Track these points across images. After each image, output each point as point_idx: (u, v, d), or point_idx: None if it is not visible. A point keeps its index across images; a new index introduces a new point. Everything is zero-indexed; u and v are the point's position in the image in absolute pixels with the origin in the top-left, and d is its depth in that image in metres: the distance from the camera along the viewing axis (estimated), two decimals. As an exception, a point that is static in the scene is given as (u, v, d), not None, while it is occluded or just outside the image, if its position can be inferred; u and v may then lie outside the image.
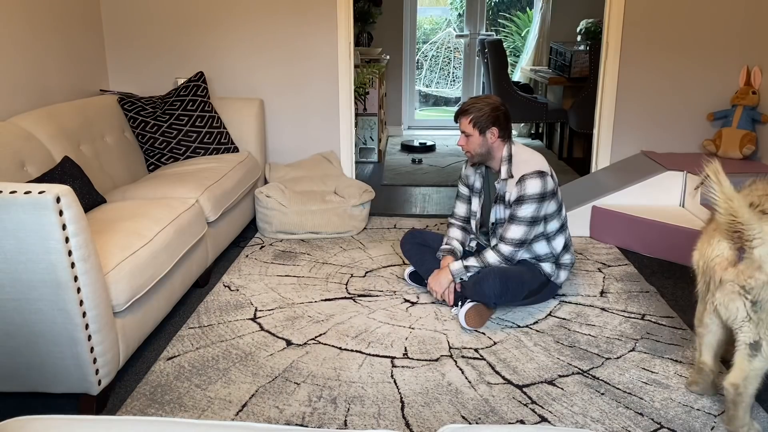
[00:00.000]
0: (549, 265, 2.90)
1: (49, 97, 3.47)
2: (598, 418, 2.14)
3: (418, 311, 2.91)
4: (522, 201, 2.73)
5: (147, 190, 3.13)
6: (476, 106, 2.79)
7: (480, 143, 2.80)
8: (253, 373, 2.39)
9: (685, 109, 4.17)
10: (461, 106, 2.84)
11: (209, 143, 3.79)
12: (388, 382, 2.34)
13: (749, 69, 3.95)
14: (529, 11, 8.10)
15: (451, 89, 8.57)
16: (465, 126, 2.81)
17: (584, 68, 5.67)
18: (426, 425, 2.10)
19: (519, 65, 7.56)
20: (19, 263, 1.91)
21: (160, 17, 4.11)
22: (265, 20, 4.11)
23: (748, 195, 2.03)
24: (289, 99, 4.25)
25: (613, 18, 4.02)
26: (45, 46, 3.44)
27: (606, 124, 4.20)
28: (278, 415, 2.15)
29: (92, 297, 2.02)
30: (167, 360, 2.48)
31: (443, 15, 8.96)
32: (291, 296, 3.05)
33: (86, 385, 2.10)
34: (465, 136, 2.82)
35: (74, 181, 2.75)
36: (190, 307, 2.94)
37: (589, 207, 3.82)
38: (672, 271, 3.37)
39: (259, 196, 3.80)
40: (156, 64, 4.19)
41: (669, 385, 2.32)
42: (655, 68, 4.10)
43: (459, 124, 2.84)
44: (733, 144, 3.94)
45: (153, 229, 2.52)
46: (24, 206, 1.85)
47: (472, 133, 2.80)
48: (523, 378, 2.38)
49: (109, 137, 3.48)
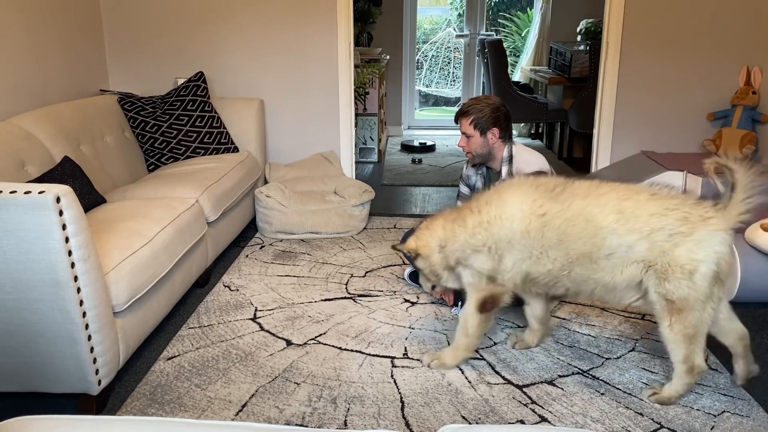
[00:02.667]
0: (549, 265, 2.89)
1: (49, 97, 3.47)
2: (598, 418, 2.14)
3: (418, 311, 2.91)
4: (523, 201, 2.73)
5: (147, 190, 3.13)
6: (476, 107, 2.78)
7: (481, 144, 2.80)
8: (253, 373, 2.39)
9: (685, 109, 4.17)
10: (461, 107, 2.84)
11: (209, 143, 3.79)
12: (388, 382, 2.34)
13: (749, 69, 3.95)
14: (529, 11, 8.10)
15: (451, 89, 8.56)
16: (465, 127, 2.80)
17: (584, 68, 5.67)
18: (426, 425, 2.10)
19: (519, 65, 7.56)
20: (19, 263, 1.91)
21: (160, 17, 4.11)
22: (265, 20, 4.10)
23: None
24: (289, 99, 4.25)
25: (613, 18, 4.02)
26: (45, 46, 3.44)
27: (606, 124, 4.20)
28: (278, 415, 2.15)
29: (92, 297, 2.02)
30: (167, 360, 2.48)
31: (443, 15, 8.96)
32: (291, 296, 3.04)
33: (86, 385, 2.10)
34: (466, 137, 2.82)
35: (74, 181, 2.75)
36: (190, 307, 2.93)
37: (589, 207, 3.81)
38: (672, 271, 3.37)
39: (259, 196, 3.80)
40: (156, 64, 4.19)
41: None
42: (655, 68, 4.10)
43: (459, 125, 2.84)
44: (733, 144, 3.94)
45: (153, 229, 2.52)
46: (24, 206, 1.85)
47: (473, 134, 2.79)
48: (523, 378, 2.38)
49: (109, 137, 3.48)
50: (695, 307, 2.04)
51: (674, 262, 2.02)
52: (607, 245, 2.07)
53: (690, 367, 2.13)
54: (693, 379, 2.16)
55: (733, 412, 2.17)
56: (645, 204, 2.06)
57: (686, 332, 2.08)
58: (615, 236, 2.06)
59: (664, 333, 2.11)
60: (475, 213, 2.24)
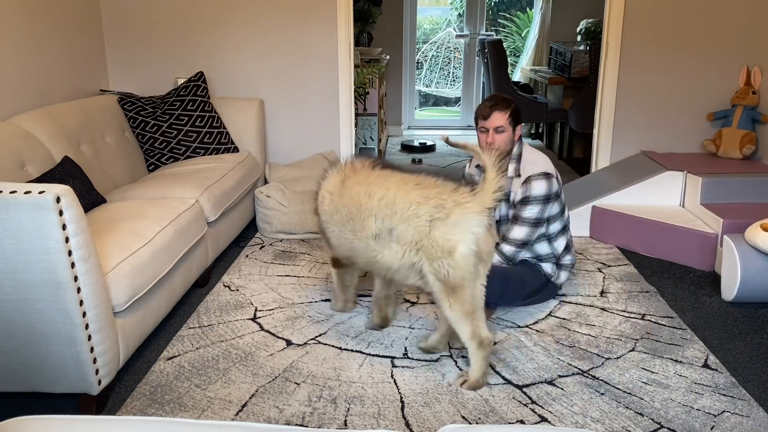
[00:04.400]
0: (550, 266, 2.90)
1: (49, 97, 3.47)
2: (598, 418, 2.14)
3: (418, 311, 2.91)
4: (527, 202, 2.73)
5: (147, 190, 3.13)
6: (507, 101, 2.75)
7: (510, 139, 2.76)
8: (253, 373, 2.39)
9: (685, 109, 4.17)
10: (494, 102, 2.74)
11: (209, 143, 3.79)
12: (388, 382, 2.34)
13: (749, 69, 3.95)
14: (529, 11, 8.10)
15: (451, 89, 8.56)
16: (502, 121, 2.71)
17: (584, 68, 5.66)
18: (426, 425, 2.10)
19: (519, 65, 7.56)
20: (19, 263, 1.91)
21: (160, 17, 4.11)
22: (265, 20, 4.11)
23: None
24: (289, 99, 4.25)
25: (613, 18, 4.02)
26: (45, 46, 3.44)
27: (606, 124, 4.20)
28: (278, 415, 2.15)
29: (92, 297, 2.02)
30: (167, 360, 2.48)
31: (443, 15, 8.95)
32: (291, 296, 3.05)
33: (86, 385, 2.10)
34: (498, 132, 2.73)
35: (74, 181, 2.75)
36: (190, 307, 2.94)
37: (589, 207, 3.82)
38: (672, 271, 3.37)
39: (259, 196, 3.80)
40: (156, 64, 4.19)
41: (669, 385, 2.33)
42: (655, 68, 4.10)
43: (489, 121, 2.72)
44: (733, 144, 3.94)
45: (153, 229, 2.52)
46: (24, 206, 1.85)
47: (507, 128, 2.73)
48: (523, 378, 2.38)
49: (109, 137, 3.48)
50: (465, 285, 2.22)
51: (435, 243, 2.21)
52: (368, 227, 2.34)
53: (479, 342, 2.28)
54: (485, 352, 2.30)
55: (733, 412, 2.17)
56: (408, 193, 2.26)
57: (464, 309, 2.25)
58: (374, 219, 2.32)
59: (447, 314, 2.29)
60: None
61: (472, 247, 2.20)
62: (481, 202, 2.21)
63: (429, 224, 2.21)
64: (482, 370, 2.31)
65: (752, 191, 3.57)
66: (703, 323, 2.81)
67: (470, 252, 2.20)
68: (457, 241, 2.19)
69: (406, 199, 2.26)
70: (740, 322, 2.82)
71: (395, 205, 2.27)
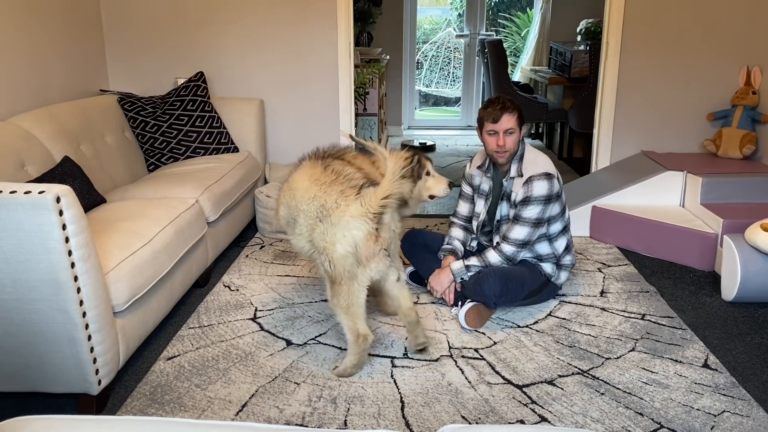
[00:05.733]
0: (550, 266, 2.90)
1: (49, 97, 3.47)
2: (598, 418, 2.14)
3: (418, 311, 2.90)
4: (528, 202, 2.73)
5: (147, 190, 3.13)
6: (512, 102, 2.75)
7: (519, 140, 2.78)
8: (253, 373, 2.39)
9: (685, 109, 4.17)
10: (502, 104, 2.73)
11: (209, 143, 3.79)
12: (388, 382, 2.34)
13: (749, 69, 3.95)
14: (529, 11, 8.10)
15: (451, 89, 8.56)
16: (512, 123, 2.72)
17: (584, 68, 5.66)
18: (426, 425, 2.10)
19: (519, 65, 7.56)
20: (19, 263, 1.91)
21: (160, 17, 4.11)
22: (265, 20, 4.10)
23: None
24: (289, 99, 4.25)
25: (613, 18, 4.02)
26: (45, 46, 3.44)
27: (606, 124, 4.20)
28: (278, 415, 2.15)
29: (92, 297, 2.02)
30: (167, 360, 2.48)
31: (443, 15, 8.95)
32: (291, 296, 3.05)
33: (86, 385, 2.10)
34: (508, 134, 2.72)
35: (74, 181, 2.75)
36: (190, 307, 2.94)
37: (589, 207, 3.82)
38: (672, 271, 3.37)
39: (259, 196, 3.80)
40: (156, 64, 4.19)
41: (669, 385, 2.32)
42: (655, 68, 4.10)
43: (500, 124, 2.71)
44: (733, 144, 3.94)
45: (153, 229, 2.52)
46: (24, 206, 1.85)
47: (516, 129, 2.74)
48: (523, 378, 2.38)
49: (109, 137, 3.48)
50: (342, 282, 2.30)
51: (318, 239, 2.31)
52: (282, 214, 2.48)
53: (356, 336, 2.34)
54: (361, 347, 2.36)
55: (733, 412, 2.17)
56: (308, 188, 2.35)
57: (342, 304, 2.32)
58: (285, 207, 2.45)
59: (331, 306, 2.38)
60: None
61: (348, 249, 2.26)
62: (365, 206, 2.24)
63: (314, 222, 2.31)
64: (354, 362, 2.37)
65: (752, 191, 3.57)
66: (703, 323, 2.81)
67: (346, 254, 2.26)
68: (334, 242, 2.26)
69: (306, 194, 2.35)
70: (740, 322, 2.82)
71: (296, 197, 2.39)
